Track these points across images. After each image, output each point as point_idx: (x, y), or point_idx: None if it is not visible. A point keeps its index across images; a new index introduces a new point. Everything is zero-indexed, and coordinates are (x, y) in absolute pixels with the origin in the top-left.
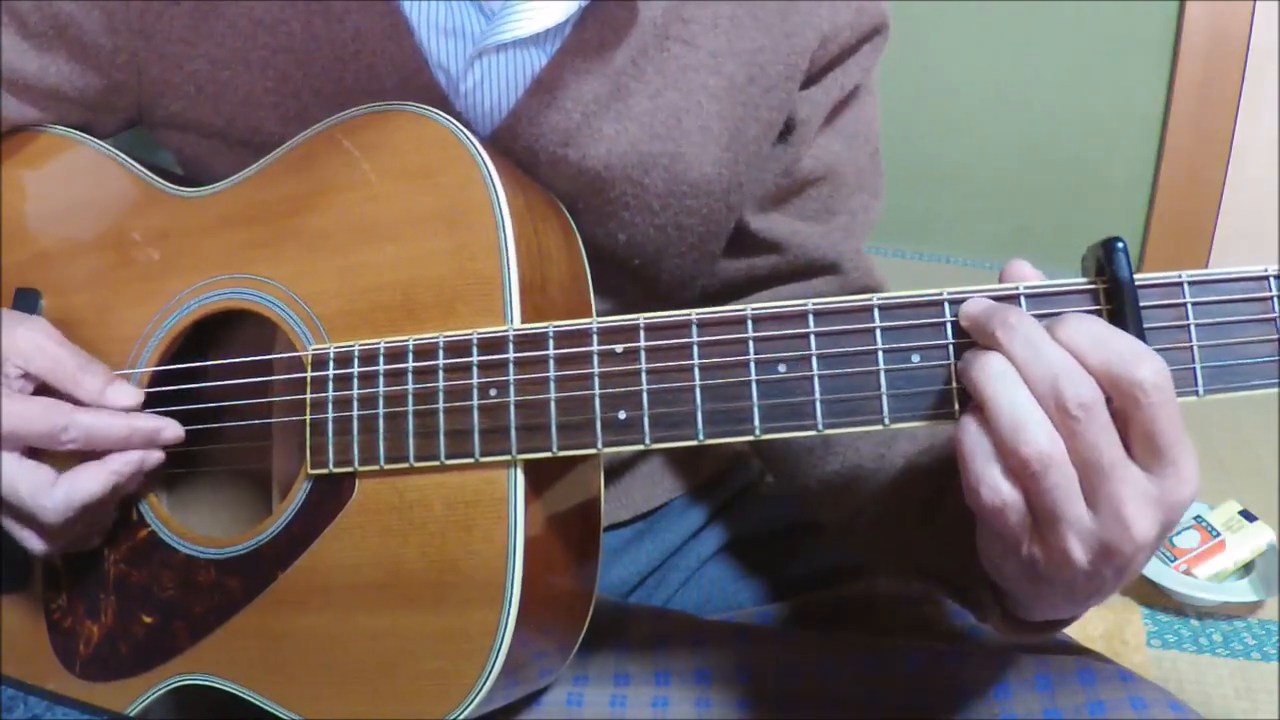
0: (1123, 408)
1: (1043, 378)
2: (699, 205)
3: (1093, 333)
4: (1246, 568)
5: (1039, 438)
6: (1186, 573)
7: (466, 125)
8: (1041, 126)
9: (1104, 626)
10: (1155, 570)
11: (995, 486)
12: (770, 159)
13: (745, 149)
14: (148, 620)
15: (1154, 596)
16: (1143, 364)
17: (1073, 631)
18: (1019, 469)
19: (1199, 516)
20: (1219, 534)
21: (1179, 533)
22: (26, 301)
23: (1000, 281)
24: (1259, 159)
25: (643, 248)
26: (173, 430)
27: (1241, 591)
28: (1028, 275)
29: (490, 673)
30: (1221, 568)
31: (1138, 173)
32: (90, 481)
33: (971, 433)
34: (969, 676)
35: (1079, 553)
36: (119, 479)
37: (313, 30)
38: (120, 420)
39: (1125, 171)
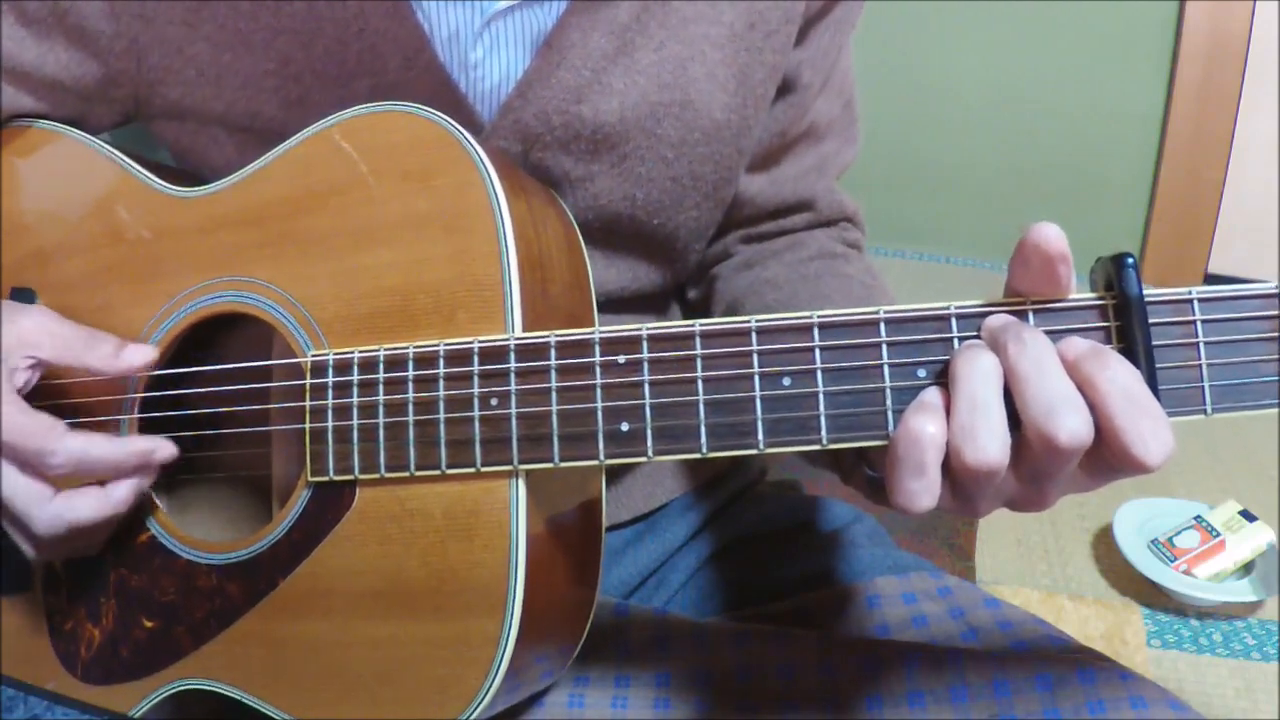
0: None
1: (1038, 400)
2: (711, 152)
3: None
4: (1246, 568)
5: (990, 447)
6: (1186, 573)
7: (473, 103)
8: (1041, 127)
9: (1104, 626)
10: (1155, 570)
11: (927, 483)
12: (770, 116)
13: (753, 93)
14: (149, 625)
15: (1154, 596)
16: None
17: (1073, 631)
18: (959, 467)
19: (1199, 516)
20: (1219, 534)
21: (1179, 533)
22: (21, 301)
23: (1023, 241)
24: (1259, 159)
25: (660, 202)
26: (166, 450)
27: (1241, 591)
28: (1051, 238)
29: (493, 681)
30: (1221, 568)
31: (1138, 173)
32: (86, 509)
33: (926, 409)
34: (969, 676)
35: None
36: (116, 510)
37: (315, 10)
38: (112, 445)
39: (1125, 171)
